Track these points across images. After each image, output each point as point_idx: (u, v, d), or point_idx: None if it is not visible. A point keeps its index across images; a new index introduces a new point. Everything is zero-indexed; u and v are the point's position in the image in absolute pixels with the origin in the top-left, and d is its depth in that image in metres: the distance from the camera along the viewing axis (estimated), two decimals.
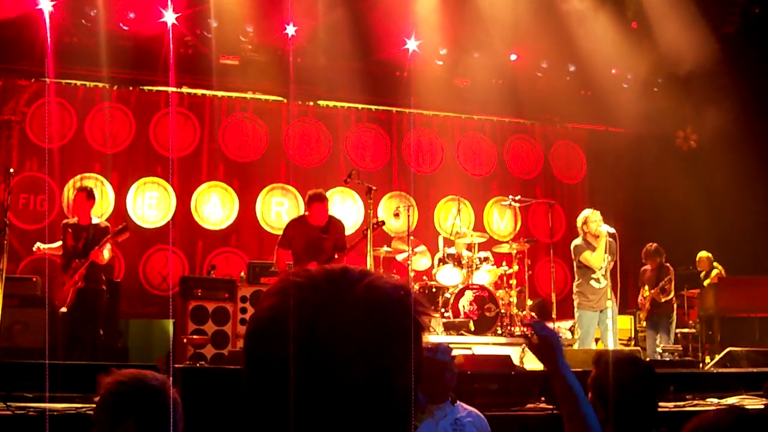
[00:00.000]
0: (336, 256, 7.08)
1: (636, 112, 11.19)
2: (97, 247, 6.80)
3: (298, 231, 7.15)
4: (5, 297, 6.41)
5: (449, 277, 8.50)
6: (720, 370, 7.17)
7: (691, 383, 5.92)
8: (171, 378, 2.32)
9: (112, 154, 10.00)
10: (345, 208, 10.77)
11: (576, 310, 8.11)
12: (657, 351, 8.57)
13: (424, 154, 11.45)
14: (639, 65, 11.03)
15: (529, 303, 9.05)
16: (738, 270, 9.87)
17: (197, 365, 6.88)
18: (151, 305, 9.77)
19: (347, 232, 8.07)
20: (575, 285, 8.18)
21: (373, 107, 11.27)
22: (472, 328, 8.01)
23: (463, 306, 8.12)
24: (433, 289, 8.47)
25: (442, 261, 8.57)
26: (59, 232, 7.22)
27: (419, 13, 10.22)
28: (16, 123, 9.69)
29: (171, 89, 10.11)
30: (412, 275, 8.36)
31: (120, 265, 9.58)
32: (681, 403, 5.33)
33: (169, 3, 9.36)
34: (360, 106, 11.20)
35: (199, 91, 10.49)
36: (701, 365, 8.28)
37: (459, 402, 3.94)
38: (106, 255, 6.95)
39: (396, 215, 9.07)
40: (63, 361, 5.80)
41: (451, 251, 8.64)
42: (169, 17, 9.44)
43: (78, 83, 10.01)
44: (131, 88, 10.23)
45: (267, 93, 10.70)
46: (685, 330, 9.65)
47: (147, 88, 10.25)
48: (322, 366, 0.91)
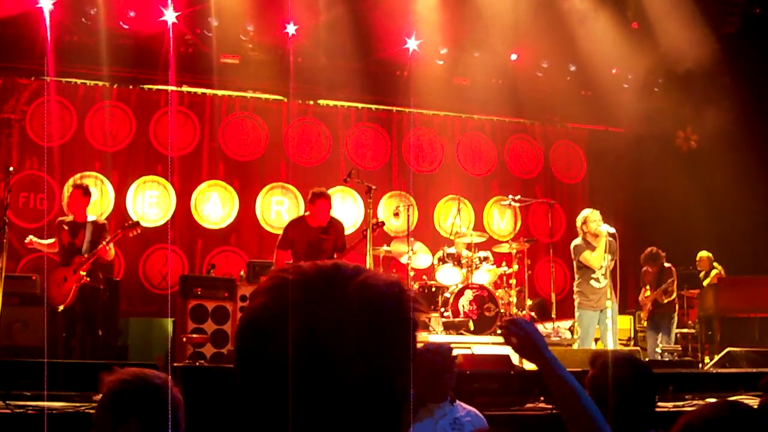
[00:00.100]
0: (335, 256, 7.05)
1: (636, 112, 11.19)
2: (105, 243, 6.76)
3: (297, 233, 7.12)
4: (5, 295, 6.40)
5: (449, 277, 8.50)
6: (719, 370, 7.18)
7: (691, 383, 5.93)
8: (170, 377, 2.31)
9: (112, 152, 10.00)
10: (345, 207, 10.76)
11: (576, 309, 8.11)
12: (656, 351, 8.58)
13: (424, 153, 11.44)
14: (639, 65, 11.03)
15: (529, 303, 9.05)
16: (738, 270, 9.87)
17: (197, 364, 6.90)
18: (151, 304, 9.77)
19: (347, 231, 8.07)
20: (575, 285, 8.18)
21: (374, 107, 11.26)
22: (471, 327, 8.00)
23: (463, 305, 8.12)
24: (433, 289, 8.47)
25: (441, 260, 8.57)
26: (53, 229, 7.15)
27: (419, 13, 10.22)
28: (15, 121, 9.69)
29: (171, 88, 10.10)
30: (411, 274, 8.36)
31: (120, 264, 9.57)
32: (680, 403, 5.33)
33: (170, 2, 9.36)
34: (360, 105, 11.20)
35: (200, 90, 10.49)
36: (700, 365, 8.28)
37: (458, 401, 3.95)
38: (112, 251, 6.93)
39: (396, 215, 9.07)
40: (62, 360, 5.80)
41: (451, 251, 8.64)
42: (170, 16, 9.44)
43: (78, 82, 10.00)
44: (131, 86, 10.23)
45: (267, 92, 10.70)
46: (685, 330, 9.64)
47: (147, 86, 10.25)
48: (315, 364, 0.89)
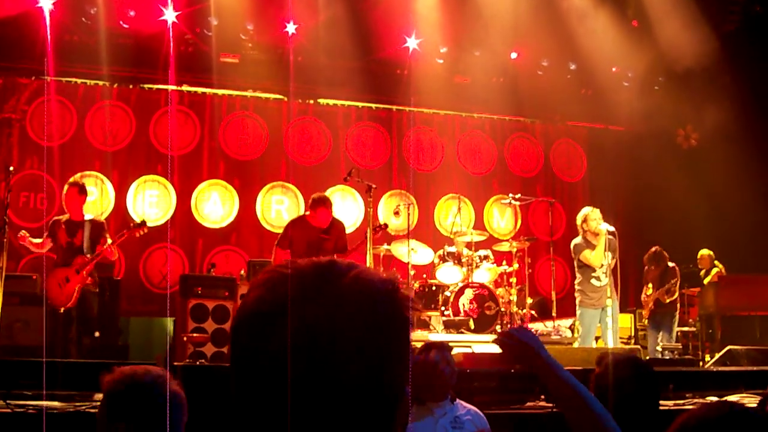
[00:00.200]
0: (336, 257, 7.01)
1: (636, 110, 11.19)
2: (110, 244, 6.72)
3: (298, 231, 7.11)
4: (5, 295, 6.39)
5: (449, 276, 8.50)
6: (720, 368, 7.17)
7: (691, 382, 5.93)
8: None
9: (112, 152, 10.01)
10: (345, 206, 10.76)
11: (577, 308, 8.11)
12: (657, 349, 8.57)
13: (424, 152, 11.43)
14: (639, 63, 11.02)
15: (529, 301, 9.05)
16: (738, 268, 9.86)
17: (197, 363, 6.91)
18: (152, 303, 9.76)
19: (348, 230, 8.07)
20: (576, 283, 8.18)
21: (374, 105, 11.26)
22: (472, 326, 8.01)
23: (463, 304, 8.12)
24: (433, 287, 8.47)
25: (442, 259, 8.57)
26: (49, 229, 6.98)
27: (419, 12, 10.22)
28: (16, 121, 9.69)
29: (171, 87, 10.10)
30: (412, 273, 8.35)
31: (120, 263, 9.56)
32: (681, 402, 5.32)
33: (170, 1, 9.36)
34: (360, 104, 11.20)
35: (200, 89, 10.49)
36: (701, 363, 8.28)
37: (458, 400, 3.95)
38: (116, 253, 6.90)
39: (396, 213, 9.06)
40: (62, 359, 5.81)
41: (451, 249, 8.64)
42: (170, 15, 9.44)
43: (78, 81, 10.00)
44: (131, 86, 10.24)
45: (267, 91, 10.70)
46: (686, 328, 9.63)
47: (147, 86, 10.25)
48: (310, 359, 0.90)
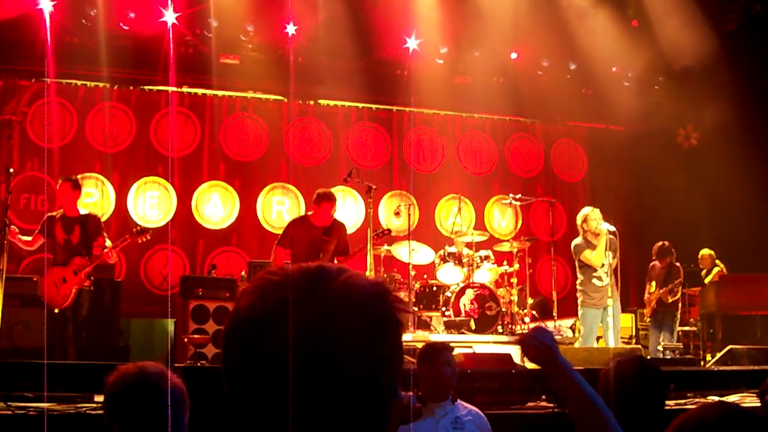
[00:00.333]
0: (336, 260, 6.96)
1: (637, 110, 11.18)
2: (110, 248, 6.68)
3: (299, 231, 7.09)
4: (6, 297, 6.38)
5: (450, 276, 8.49)
6: (721, 368, 7.16)
7: (692, 381, 5.92)
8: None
9: (112, 153, 10.01)
10: (346, 207, 10.75)
11: (579, 308, 8.11)
12: (658, 349, 8.56)
13: (424, 152, 11.43)
14: (640, 63, 11.01)
15: (530, 301, 9.05)
16: (739, 268, 9.85)
17: (198, 365, 6.90)
18: (152, 304, 9.76)
19: (349, 231, 8.05)
20: (578, 283, 8.17)
21: (374, 106, 11.26)
22: (472, 326, 8.00)
23: (464, 304, 8.11)
24: (434, 288, 8.46)
25: (442, 259, 8.56)
26: (42, 225, 6.82)
27: (419, 12, 10.22)
28: (16, 123, 9.70)
29: (171, 89, 10.10)
30: (413, 274, 8.35)
31: (121, 265, 9.57)
32: (682, 401, 5.32)
33: (170, 2, 9.36)
34: (360, 105, 11.20)
35: (200, 91, 10.49)
36: (702, 363, 8.27)
37: (459, 400, 3.95)
38: (115, 256, 6.86)
39: (397, 214, 9.07)
40: (63, 361, 5.80)
41: (452, 250, 8.63)
42: (170, 17, 9.44)
43: (78, 83, 10.01)
44: (132, 87, 10.24)
45: (267, 92, 10.70)
46: (687, 328, 9.63)
47: (147, 87, 10.25)
48: (302, 364, 0.90)
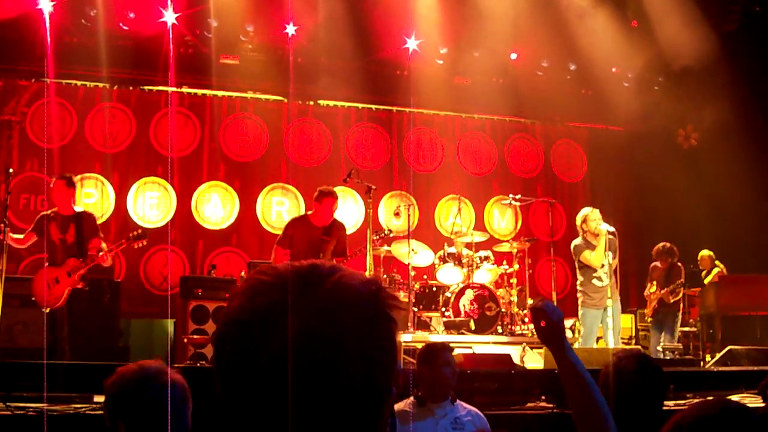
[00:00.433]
0: (334, 261, 6.94)
1: (637, 110, 11.17)
2: (105, 251, 6.64)
3: (299, 230, 7.09)
4: (5, 297, 6.37)
5: (450, 276, 8.49)
6: (720, 368, 7.17)
7: (692, 381, 5.92)
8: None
9: (112, 154, 10.02)
10: (345, 207, 10.75)
11: (580, 308, 8.10)
12: (658, 349, 8.56)
13: (424, 153, 11.44)
14: (639, 63, 11.02)
15: (530, 302, 9.04)
16: (739, 268, 9.86)
17: (198, 365, 6.90)
18: (152, 305, 9.76)
19: (348, 231, 8.05)
20: (578, 284, 8.17)
21: (374, 106, 11.27)
22: (472, 327, 8.00)
23: (464, 305, 8.11)
24: (434, 288, 8.46)
25: (442, 260, 8.57)
26: (35, 224, 6.79)
27: (419, 12, 10.22)
28: (16, 123, 9.70)
29: (171, 89, 10.11)
30: (412, 274, 8.35)
31: (121, 265, 9.58)
32: (681, 402, 5.31)
33: (169, 3, 9.35)
34: (360, 105, 11.20)
35: (200, 91, 10.50)
36: (702, 363, 8.27)
37: (459, 401, 3.95)
38: (110, 260, 6.83)
39: (396, 214, 9.07)
40: (62, 362, 5.80)
41: (452, 250, 8.63)
42: (169, 17, 9.44)
43: (78, 83, 10.01)
44: (131, 88, 10.24)
45: (267, 92, 10.70)
46: (686, 328, 9.62)
47: (147, 88, 10.26)
48: (295, 364, 0.89)
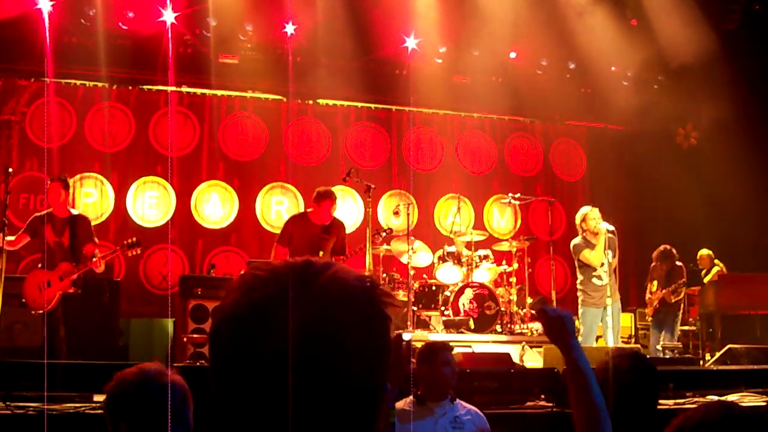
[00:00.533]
0: (334, 259, 6.94)
1: (636, 109, 11.17)
2: (99, 258, 6.56)
3: (298, 228, 7.10)
4: (5, 297, 6.37)
5: (449, 275, 8.49)
6: (720, 367, 7.16)
7: (692, 380, 5.91)
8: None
9: (111, 153, 10.02)
10: (345, 206, 10.75)
11: (580, 307, 8.10)
12: (657, 348, 8.56)
13: (423, 152, 11.44)
14: (639, 62, 11.01)
15: (529, 301, 9.04)
16: (738, 267, 9.86)
17: (197, 364, 6.90)
18: (152, 304, 9.76)
19: (348, 230, 8.05)
20: (578, 283, 8.16)
21: (373, 106, 11.27)
22: (472, 326, 8.01)
23: (463, 304, 8.12)
24: (433, 287, 8.46)
25: (441, 259, 8.57)
26: (28, 225, 6.76)
27: (418, 11, 10.21)
28: (15, 123, 9.69)
29: (170, 88, 10.11)
30: (412, 273, 8.35)
31: (120, 265, 9.58)
32: (681, 401, 5.32)
33: (168, 2, 9.35)
34: (359, 104, 11.20)
35: (199, 90, 10.49)
36: (701, 362, 8.27)
37: (458, 400, 3.95)
38: (103, 266, 6.72)
39: (396, 213, 9.07)
40: (62, 361, 5.80)
41: (451, 249, 8.63)
42: (168, 16, 9.44)
43: (77, 83, 10.01)
44: (131, 87, 10.24)
45: (266, 92, 10.70)
46: (686, 327, 9.62)
47: (146, 87, 10.26)
48: (290, 360, 0.89)
